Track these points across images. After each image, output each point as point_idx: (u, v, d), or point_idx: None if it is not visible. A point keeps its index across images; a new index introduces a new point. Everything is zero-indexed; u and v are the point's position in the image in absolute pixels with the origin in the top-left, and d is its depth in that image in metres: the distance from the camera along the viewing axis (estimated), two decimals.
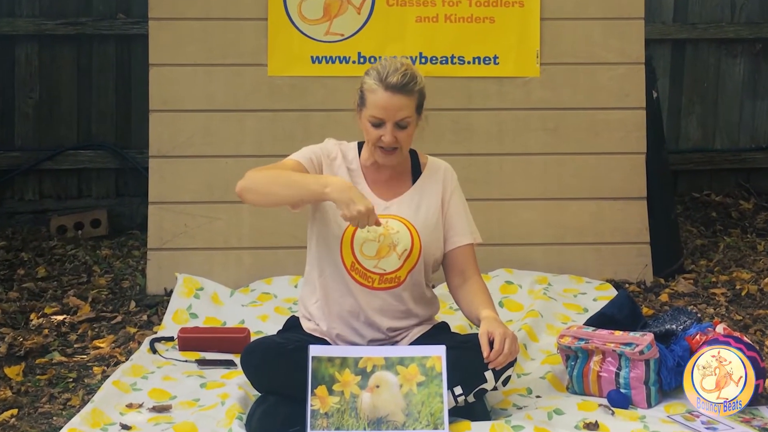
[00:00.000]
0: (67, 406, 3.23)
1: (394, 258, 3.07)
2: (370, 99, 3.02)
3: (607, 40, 4.51)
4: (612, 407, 3.12)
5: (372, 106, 3.02)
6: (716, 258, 4.83)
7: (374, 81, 3.02)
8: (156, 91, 4.42)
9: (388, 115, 3.00)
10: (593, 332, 3.25)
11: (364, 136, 3.10)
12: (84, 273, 4.62)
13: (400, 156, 3.09)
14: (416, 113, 3.06)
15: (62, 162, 5.39)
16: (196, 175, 4.41)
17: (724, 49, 5.71)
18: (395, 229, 3.08)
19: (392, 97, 2.99)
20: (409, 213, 3.10)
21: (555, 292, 4.17)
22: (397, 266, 3.07)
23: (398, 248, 3.06)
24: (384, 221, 3.06)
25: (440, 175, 3.20)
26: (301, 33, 4.43)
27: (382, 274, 3.07)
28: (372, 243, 3.06)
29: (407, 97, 3.01)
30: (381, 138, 3.03)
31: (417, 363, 2.92)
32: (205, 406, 3.15)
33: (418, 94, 3.05)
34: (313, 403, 2.87)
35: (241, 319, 3.99)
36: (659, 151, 4.65)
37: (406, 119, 3.02)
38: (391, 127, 3.01)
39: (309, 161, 3.10)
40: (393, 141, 3.02)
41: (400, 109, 3.00)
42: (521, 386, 3.32)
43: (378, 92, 3.01)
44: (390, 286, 3.08)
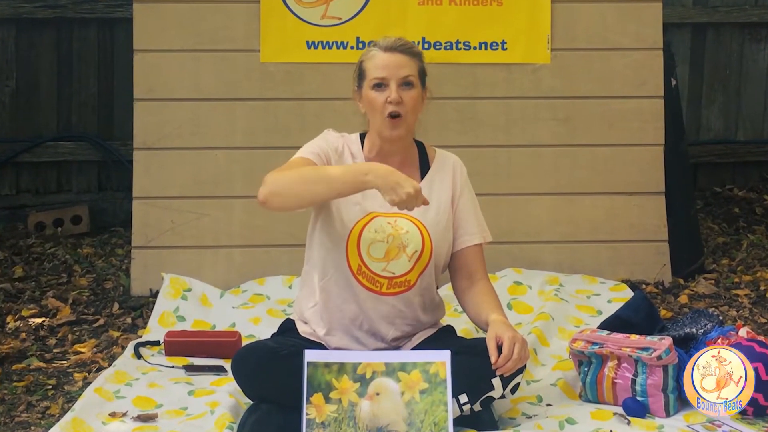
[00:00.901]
0: (45, 415, 3.23)
1: (404, 260, 3.06)
2: (370, 65, 3.09)
3: (622, 24, 4.51)
4: (628, 416, 3.12)
5: (373, 70, 3.08)
6: (739, 257, 4.83)
7: (372, 49, 3.12)
8: (141, 79, 4.41)
9: (390, 72, 3.06)
10: (608, 336, 3.25)
11: (369, 110, 3.11)
12: (64, 273, 4.62)
13: (406, 126, 3.09)
14: (420, 80, 3.11)
15: (41, 154, 5.39)
16: (184, 168, 4.41)
17: (747, 34, 5.70)
18: (404, 228, 3.07)
19: (392, 55, 3.08)
20: (419, 211, 3.09)
21: (567, 294, 4.17)
22: (408, 269, 3.07)
23: (408, 249, 3.06)
24: (393, 220, 3.06)
25: (449, 170, 3.20)
26: (296, 16, 4.43)
27: (391, 277, 3.06)
28: (380, 244, 3.05)
29: (408, 57, 3.09)
30: (387, 101, 3.05)
31: (420, 369, 2.92)
32: (193, 415, 3.14)
33: (418, 58, 3.12)
34: (308, 411, 2.87)
35: (232, 322, 3.99)
36: (678, 143, 4.64)
37: (409, 77, 3.07)
38: (395, 86, 3.06)
39: (317, 157, 3.08)
40: (398, 98, 3.05)
41: (402, 67, 3.07)
42: (531, 394, 3.32)
43: (377, 56, 3.09)
44: (399, 291, 3.08)
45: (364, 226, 3.05)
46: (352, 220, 3.05)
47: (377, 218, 3.07)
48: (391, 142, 3.11)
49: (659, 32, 4.54)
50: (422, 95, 3.13)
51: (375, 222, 3.06)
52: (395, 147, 3.13)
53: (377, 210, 3.08)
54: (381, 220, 3.07)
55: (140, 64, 4.42)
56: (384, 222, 3.07)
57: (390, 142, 3.11)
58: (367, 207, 3.08)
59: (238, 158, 4.42)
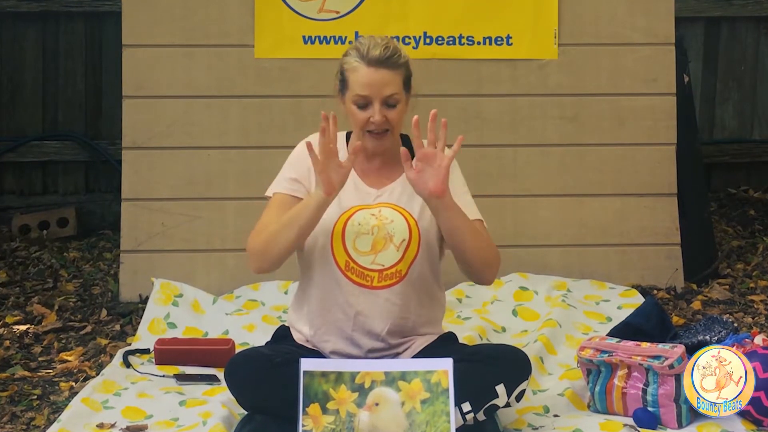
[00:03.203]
0: (30, 426, 3.23)
1: (392, 251, 3.07)
2: (353, 78, 3.08)
3: (633, 18, 4.51)
4: (638, 427, 3.12)
5: (355, 86, 3.07)
6: (755, 261, 4.83)
7: (355, 59, 3.09)
8: (130, 75, 4.42)
9: (373, 91, 3.05)
10: (617, 344, 3.25)
11: (351, 122, 3.13)
12: (50, 278, 4.62)
13: (392, 139, 3.12)
14: (404, 91, 3.11)
15: (25, 154, 5.40)
16: (175, 168, 4.41)
17: (764, 28, 5.71)
18: (389, 218, 3.08)
19: (376, 72, 3.06)
20: (404, 199, 3.12)
21: (575, 299, 4.17)
22: (397, 259, 3.08)
23: (395, 239, 3.07)
24: (377, 210, 3.07)
25: None
26: (292, 10, 4.43)
27: (381, 270, 3.07)
28: (366, 237, 3.06)
29: (392, 71, 3.08)
30: (369, 120, 3.06)
31: (421, 378, 2.91)
32: (184, 426, 3.15)
33: (403, 69, 3.11)
34: (305, 423, 2.87)
35: (225, 330, 3.99)
36: (691, 142, 4.65)
37: (393, 96, 3.07)
38: (378, 106, 3.06)
39: (292, 186, 3.13)
40: (383, 121, 3.06)
41: (386, 85, 3.06)
42: (537, 404, 3.32)
43: (360, 69, 3.07)
44: (391, 283, 3.08)
45: (347, 221, 3.06)
46: (332, 217, 3.07)
47: (359, 211, 3.09)
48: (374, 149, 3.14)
49: (671, 26, 4.54)
50: (407, 100, 3.14)
51: (357, 215, 3.08)
52: (379, 149, 3.16)
53: (357, 204, 3.10)
54: (363, 213, 3.09)
55: (129, 60, 4.42)
56: (367, 214, 3.09)
57: (373, 153, 3.15)
58: (345, 202, 3.10)
59: (232, 158, 4.42)
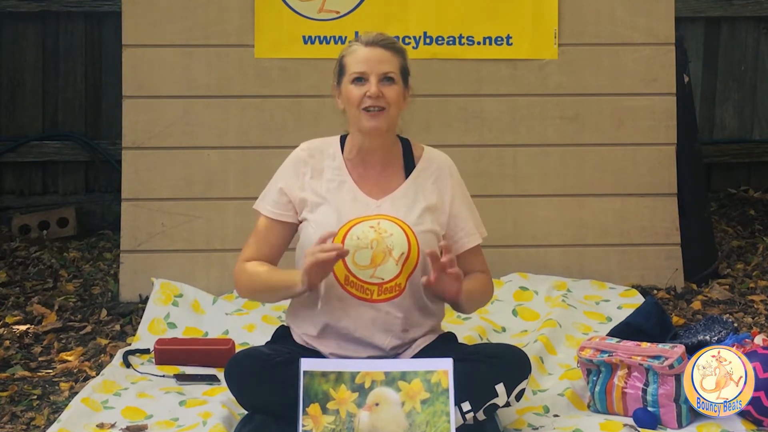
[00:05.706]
0: (30, 426, 3.23)
1: (392, 264, 3.06)
2: (350, 60, 3.11)
3: (633, 18, 4.51)
4: (638, 428, 3.12)
5: (353, 64, 3.10)
6: (755, 261, 4.83)
7: (353, 44, 3.15)
8: (130, 75, 4.42)
9: (370, 66, 3.08)
10: (617, 344, 3.26)
11: (347, 105, 3.12)
12: (50, 278, 4.62)
13: (387, 120, 3.10)
14: (401, 78, 3.12)
15: (25, 154, 5.40)
16: (175, 168, 4.41)
17: (764, 28, 5.71)
18: (388, 231, 3.06)
19: (374, 50, 3.10)
20: (403, 211, 3.10)
21: (575, 299, 4.17)
22: (396, 272, 3.07)
23: (395, 252, 3.05)
24: (375, 222, 3.06)
25: (437, 171, 3.20)
26: (292, 10, 4.43)
27: (380, 283, 3.06)
28: (365, 251, 3.04)
29: (390, 52, 3.12)
30: (366, 95, 3.06)
31: (421, 378, 2.92)
32: (184, 426, 3.15)
33: (401, 56, 3.14)
34: (305, 423, 2.87)
35: (225, 330, 3.99)
36: (691, 142, 4.65)
37: (390, 73, 3.09)
38: (375, 80, 3.07)
39: (276, 209, 3.17)
40: (379, 94, 3.06)
41: (383, 62, 3.09)
42: (537, 404, 3.32)
43: (358, 50, 3.12)
44: (391, 296, 3.08)
45: (345, 235, 3.05)
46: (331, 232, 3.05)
47: (358, 224, 3.07)
48: (371, 137, 3.11)
49: (671, 26, 4.54)
50: (404, 93, 3.15)
51: (356, 228, 3.06)
52: (375, 144, 3.13)
53: (356, 215, 3.09)
54: (362, 226, 3.06)
55: (129, 59, 4.42)
56: (366, 227, 3.06)
57: (369, 136, 3.11)
58: (344, 215, 3.08)
59: (232, 158, 4.43)
